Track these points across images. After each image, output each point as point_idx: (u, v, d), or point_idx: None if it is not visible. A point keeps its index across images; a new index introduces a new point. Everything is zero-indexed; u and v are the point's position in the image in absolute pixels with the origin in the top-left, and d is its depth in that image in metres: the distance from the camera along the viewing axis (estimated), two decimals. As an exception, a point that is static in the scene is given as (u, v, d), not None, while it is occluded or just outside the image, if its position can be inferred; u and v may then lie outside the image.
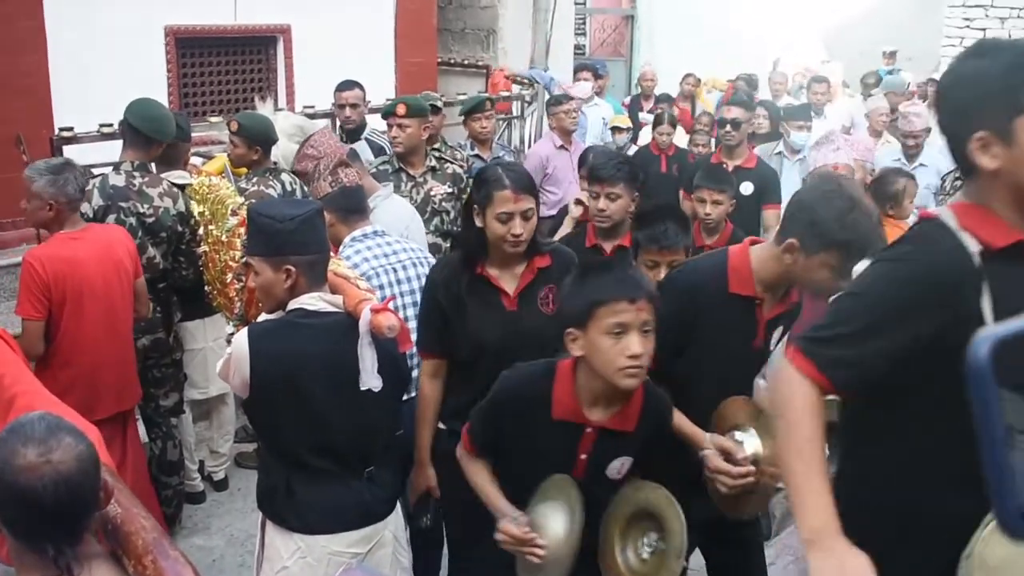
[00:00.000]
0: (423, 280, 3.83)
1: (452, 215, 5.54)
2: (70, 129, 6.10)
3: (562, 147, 7.17)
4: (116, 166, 4.68)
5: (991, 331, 1.68)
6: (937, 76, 10.30)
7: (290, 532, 3.10)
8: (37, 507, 1.85)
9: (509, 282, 3.41)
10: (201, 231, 4.50)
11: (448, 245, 5.48)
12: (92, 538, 2.05)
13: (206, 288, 4.55)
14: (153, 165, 4.84)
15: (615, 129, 8.97)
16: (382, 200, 4.52)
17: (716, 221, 4.92)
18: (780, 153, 7.14)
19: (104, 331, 4.19)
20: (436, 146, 5.79)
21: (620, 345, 2.59)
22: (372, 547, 3.18)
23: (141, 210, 4.55)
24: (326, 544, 3.08)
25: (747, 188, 5.90)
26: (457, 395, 3.45)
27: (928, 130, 6.91)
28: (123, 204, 4.51)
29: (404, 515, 3.44)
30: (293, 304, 3.06)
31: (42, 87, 7.14)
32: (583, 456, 2.82)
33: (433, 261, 4.00)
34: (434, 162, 5.60)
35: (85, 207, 4.36)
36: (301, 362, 2.99)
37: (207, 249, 4.45)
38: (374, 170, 5.22)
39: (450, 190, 5.56)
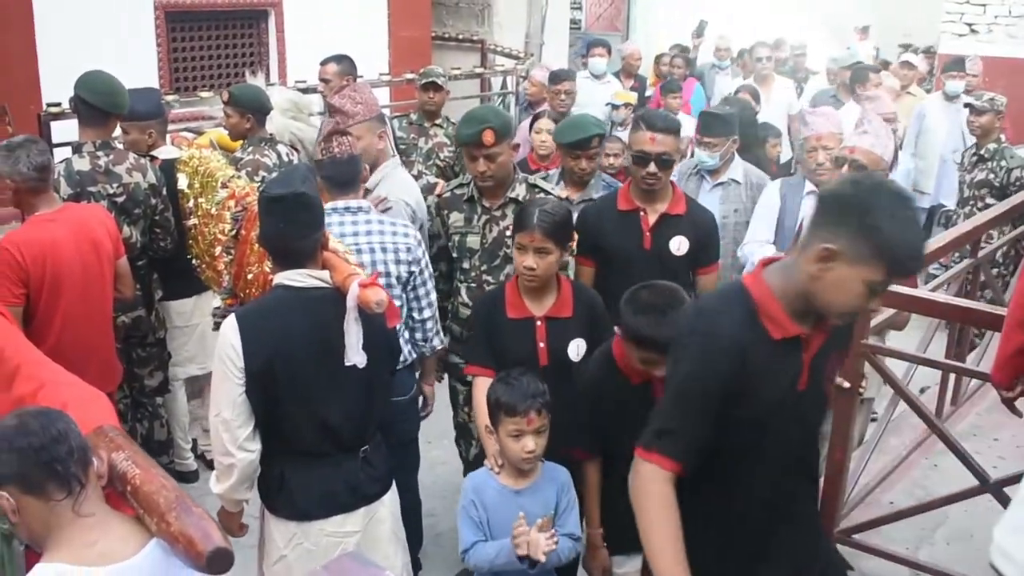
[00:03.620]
0: (381, 267, 3.73)
1: None
2: (58, 105, 5.99)
3: (555, 121, 7.04)
4: (77, 148, 4.53)
5: None
6: (916, 55, 9.99)
7: (286, 520, 3.09)
8: (26, 435, 2.05)
9: None
10: (190, 204, 4.43)
11: None
12: (102, 500, 2.15)
13: (194, 262, 4.49)
14: (120, 143, 4.76)
15: (613, 106, 8.80)
16: (391, 170, 4.36)
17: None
18: (699, 173, 5.19)
19: (83, 313, 4.08)
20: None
21: None
22: (369, 524, 3.17)
23: (111, 191, 4.45)
24: (322, 527, 3.07)
25: (679, 246, 4.17)
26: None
27: (895, 116, 6.05)
28: (92, 189, 4.41)
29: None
30: (279, 279, 3.03)
31: (29, 63, 7.01)
32: None
33: (407, 246, 3.77)
34: (520, 190, 4.12)
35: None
36: (289, 342, 2.96)
37: (196, 222, 4.38)
38: (448, 194, 4.27)
39: None
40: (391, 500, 3.29)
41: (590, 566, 3.43)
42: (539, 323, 3.57)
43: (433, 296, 3.96)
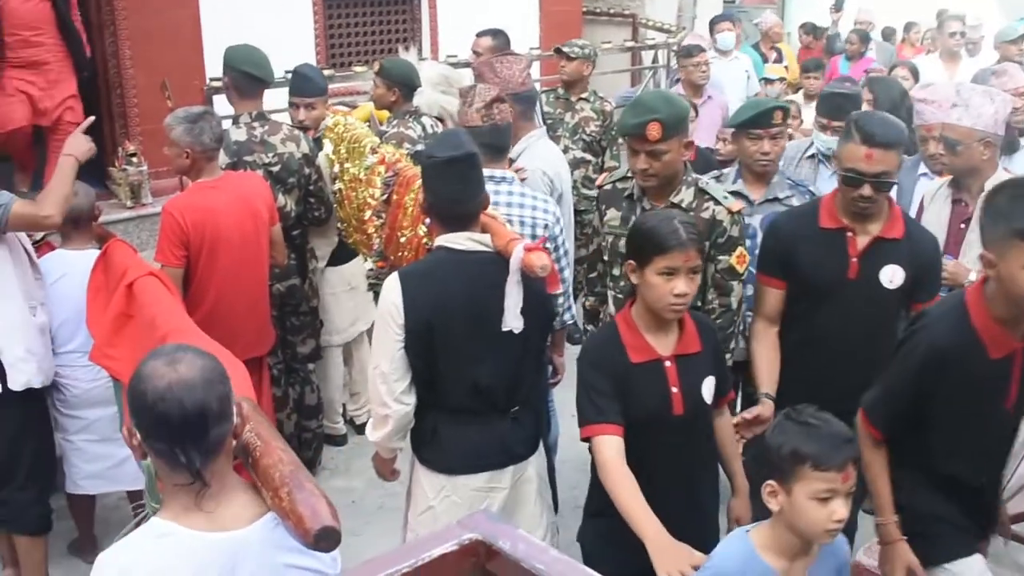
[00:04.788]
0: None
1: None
2: (220, 79, 6.22)
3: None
4: (235, 119, 4.71)
5: None
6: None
7: (436, 472, 3.17)
8: (164, 410, 1.95)
9: None
10: (336, 169, 4.55)
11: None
12: (230, 467, 2.12)
13: (339, 225, 4.62)
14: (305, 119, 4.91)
15: (766, 80, 8.53)
16: (535, 141, 4.36)
17: None
18: (814, 156, 4.73)
19: (238, 278, 4.22)
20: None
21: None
22: (516, 483, 3.23)
23: (266, 160, 4.58)
24: (468, 482, 3.15)
25: (892, 278, 3.42)
26: None
27: None
28: (248, 158, 4.55)
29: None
30: (440, 241, 3.12)
31: (195, 40, 7.32)
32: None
33: (545, 222, 3.72)
34: (687, 195, 3.52)
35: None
36: (448, 303, 3.03)
37: (342, 187, 4.50)
38: (609, 186, 3.75)
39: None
40: (538, 461, 3.35)
41: (888, 567, 2.92)
42: (668, 364, 2.94)
43: (567, 272, 3.94)
